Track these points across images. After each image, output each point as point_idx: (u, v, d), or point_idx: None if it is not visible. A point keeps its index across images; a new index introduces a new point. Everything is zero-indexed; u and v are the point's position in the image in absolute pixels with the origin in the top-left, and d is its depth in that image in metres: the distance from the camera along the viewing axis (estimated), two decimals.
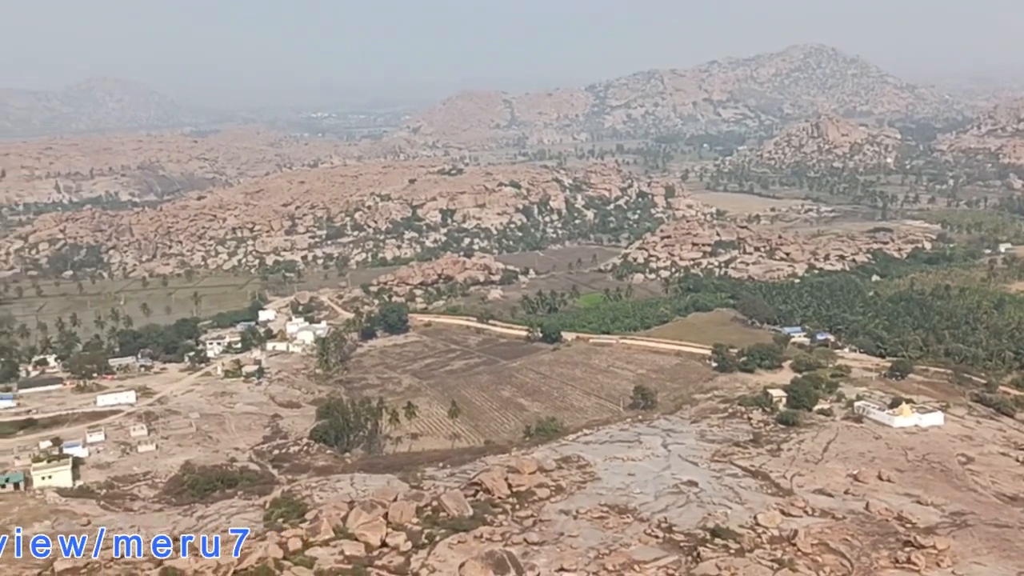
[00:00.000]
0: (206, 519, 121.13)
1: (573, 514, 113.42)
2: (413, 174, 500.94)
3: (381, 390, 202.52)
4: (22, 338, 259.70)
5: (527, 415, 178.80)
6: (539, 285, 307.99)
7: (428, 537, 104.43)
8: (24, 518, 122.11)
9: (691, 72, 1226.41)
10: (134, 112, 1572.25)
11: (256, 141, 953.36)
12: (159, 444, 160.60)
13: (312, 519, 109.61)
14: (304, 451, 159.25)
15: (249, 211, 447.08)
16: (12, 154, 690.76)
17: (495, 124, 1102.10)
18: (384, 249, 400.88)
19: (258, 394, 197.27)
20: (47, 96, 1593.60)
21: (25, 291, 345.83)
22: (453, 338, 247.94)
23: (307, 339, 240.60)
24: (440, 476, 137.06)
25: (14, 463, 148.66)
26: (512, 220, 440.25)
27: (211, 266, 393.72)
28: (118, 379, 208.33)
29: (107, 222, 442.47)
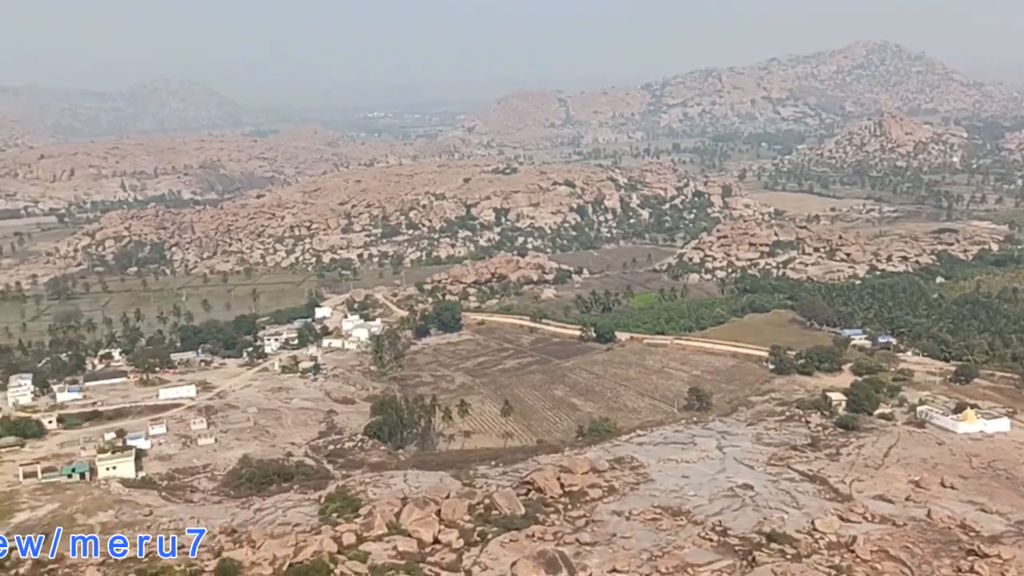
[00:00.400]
0: (263, 512, 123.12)
1: (626, 515, 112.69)
2: (467, 173, 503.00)
3: (434, 388, 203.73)
4: (88, 332, 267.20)
5: (580, 415, 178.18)
6: (593, 285, 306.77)
7: (480, 535, 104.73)
8: (89, 507, 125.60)
9: (750, 70, 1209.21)
10: (196, 112, 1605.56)
11: (314, 141, 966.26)
12: (218, 438, 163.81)
13: (366, 514, 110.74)
14: (358, 447, 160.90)
15: (307, 210, 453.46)
16: (80, 153, 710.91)
17: (550, 123, 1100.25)
18: (438, 248, 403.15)
19: (314, 390, 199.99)
20: (113, 97, 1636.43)
21: (92, 287, 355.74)
22: (506, 337, 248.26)
23: (362, 336, 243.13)
24: (492, 474, 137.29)
25: (80, 453, 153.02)
26: (566, 219, 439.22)
27: (269, 263, 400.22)
28: (179, 373, 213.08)
29: (170, 220, 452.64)
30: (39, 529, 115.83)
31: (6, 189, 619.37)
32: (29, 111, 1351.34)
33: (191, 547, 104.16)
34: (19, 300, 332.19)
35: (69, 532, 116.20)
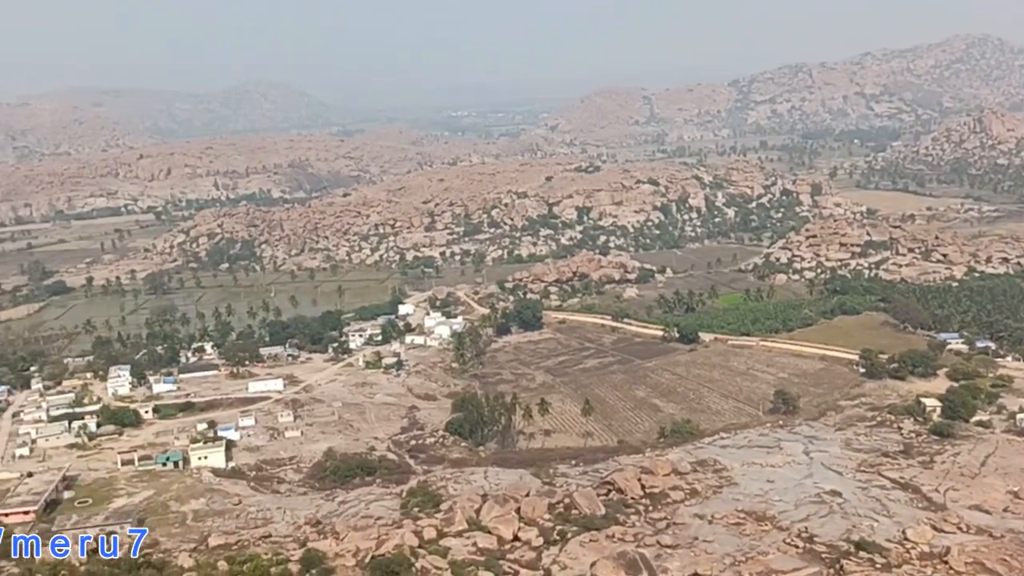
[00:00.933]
0: (346, 504, 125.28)
1: (708, 518, 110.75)
2: (550, 172, 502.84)
3: (515, 386, 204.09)
4: (183, 326, 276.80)
5: (662, 416, 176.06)
6: (676, 284, 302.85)
7: (560, 534, 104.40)
8: (182, 495, 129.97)
9: (842, 65, 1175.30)
10: (286, 113, 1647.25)
11: (398, 140, 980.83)
12: (304, 430, 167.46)
13: (446, 510, 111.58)
14: (440, 443, 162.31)
15: (391, 208, 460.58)
16: (177, 153, 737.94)
17: (634, 121, 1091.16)
18: (520, 246, 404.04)
19: (396, 386, 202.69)
20: (207, 99, 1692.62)
21: (186, 282, 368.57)
22: (587, 336, 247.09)
23: (444, 333, 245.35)
24: (572, 474, 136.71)
25: (174, 443, 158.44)
26: (649, 218, 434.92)
27: (355, 261, 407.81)
28: (268, 367, 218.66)
29: (260, 218, 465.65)
30: (135, 514, 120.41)
31: (108, 188, 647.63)
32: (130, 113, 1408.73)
33: (132, 547, 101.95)
34: (119, 294, 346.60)
35: (163, 518, 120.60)
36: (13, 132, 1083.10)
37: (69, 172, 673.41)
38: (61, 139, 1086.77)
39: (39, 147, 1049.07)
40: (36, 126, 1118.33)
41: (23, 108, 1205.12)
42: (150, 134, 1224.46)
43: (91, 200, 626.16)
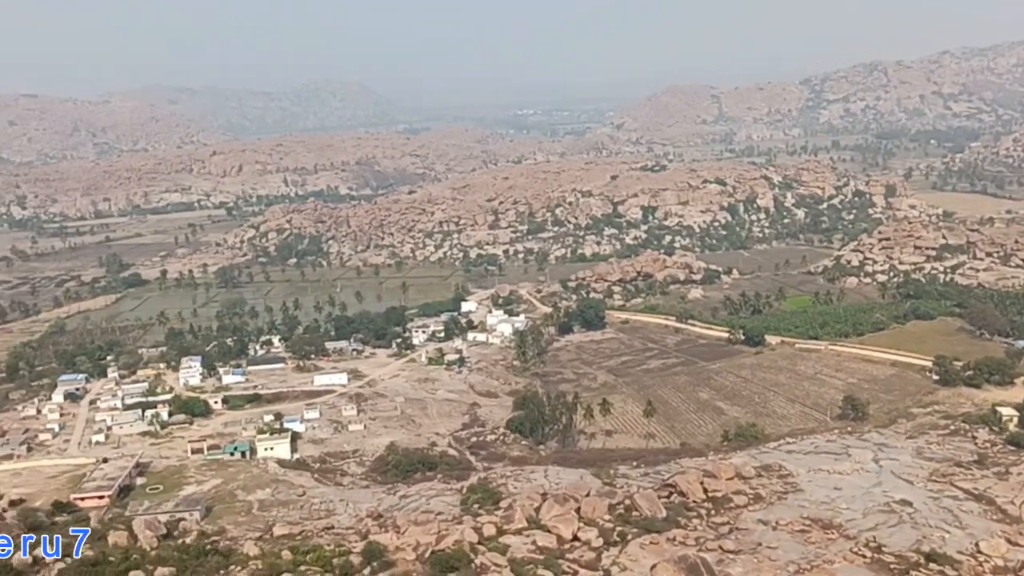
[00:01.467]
0: (407, 498, 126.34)
1: (772, 525, 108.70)
2: (615, 170, 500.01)
3: (576, 385, 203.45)
4: (252, 319, 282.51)
5: (725, 419, 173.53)
6: (742, 286, 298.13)
7: (620, 535, 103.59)
8: (248, 484, 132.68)
9: (919, 63, 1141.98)
10: (354, 111, 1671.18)
11: (464, 138, 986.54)
12: (367, 424, 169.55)
13: (506, 507, 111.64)
14: (500, 440, 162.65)
15: (455, 206, 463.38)
16: (248, 150, 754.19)
17: (701, 120, 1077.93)
18: (583, 245, 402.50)
19: (458, 382, 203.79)
20: (279, 97, 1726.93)
21: (255, 276, 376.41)
22: (651, 337, 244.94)
23: (506, 331, 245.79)
24: (633, 475, 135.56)
25: (242, 433, 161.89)
26: (716, 218, 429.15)
27: (419, 257, 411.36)
28: (333, 361, 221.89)
29: (327, 214, 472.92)
30: (204, 502, 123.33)
31: (182, 183, 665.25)
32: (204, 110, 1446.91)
33: (75, 546, 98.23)
34: (191, 287, 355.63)
35: (230, 507, 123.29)
36: (94, 129, 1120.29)
37: (146, 168, 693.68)
38: (139, 136, 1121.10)
39: (118, 143, 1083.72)
40: (116, 123, 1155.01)
41: (104, 106, 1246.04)
42: (223, 131, 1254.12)
43: (166, 195, 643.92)
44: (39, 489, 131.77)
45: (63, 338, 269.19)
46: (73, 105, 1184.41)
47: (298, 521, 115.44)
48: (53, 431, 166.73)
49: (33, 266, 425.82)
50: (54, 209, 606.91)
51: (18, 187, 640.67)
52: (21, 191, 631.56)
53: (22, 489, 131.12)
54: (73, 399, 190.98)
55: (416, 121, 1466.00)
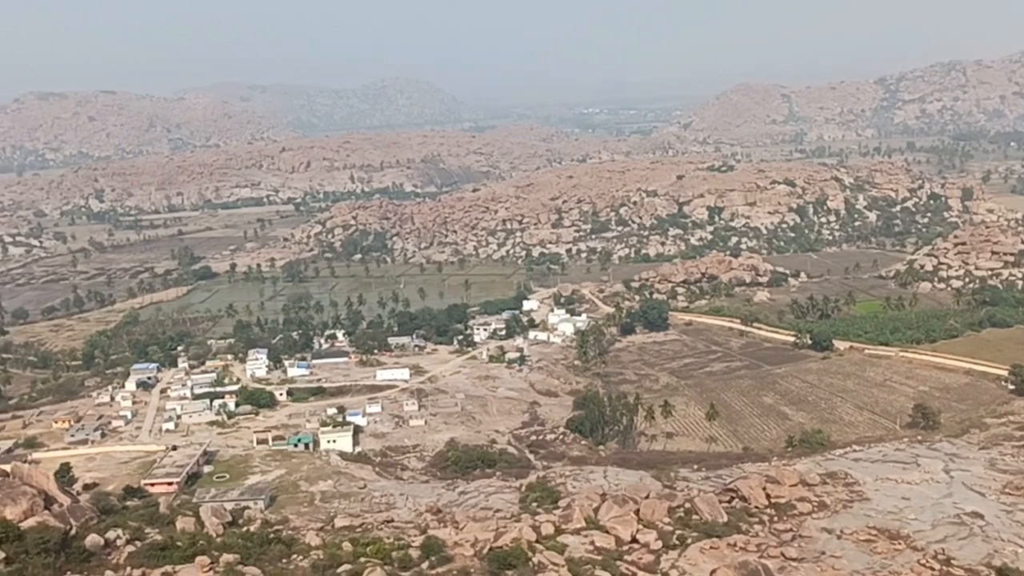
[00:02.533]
0: (466, 495, 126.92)
1: (837, 533, 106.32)
2: (681, 170, 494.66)
3: (638, 386, 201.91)
4: (317, 313, 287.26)
5: (790, 424, 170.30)
6: (810, 289, 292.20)
7: (679, 538, 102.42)
8: (311, 476, 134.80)
9: (999, 63, 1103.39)
10: (420, 109, 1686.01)
11: (529, 136, 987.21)
12: (428, 420, 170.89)
13: (565, 507, 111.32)
14: (560, 439, 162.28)
15: (519, 204, 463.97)
16: (316, 147, 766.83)
17: (771, 119, 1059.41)
18: (647, 245, 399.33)
19: (519, 380, 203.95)
20: (347, 94, 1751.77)
21: (321, 271, 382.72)
22: (714, 339, 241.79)
23: (567, 330, 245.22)
24: (694, 478, 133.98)
25: (305, 426, 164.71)
26: (784, 220, 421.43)
27: (481, 255, 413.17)
28: (395, 356, 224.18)
29: (392, 211, 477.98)
30: (268, 492, 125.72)
31: (252, 179, 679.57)
32: (275, 107, 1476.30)
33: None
34: (259, 281, 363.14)
35: (293, 497, 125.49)
36: (169, 125, 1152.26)
37: (217, 163, 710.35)
38: (211, 132, 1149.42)
39: (191, 139, 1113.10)
40: (190, 119, 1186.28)
41: (179, 103, 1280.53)
42: (292, 128, 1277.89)
43: (236, 190, 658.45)
44: (111, 474, 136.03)
45: (136, 328, 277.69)
46: (150, 101, 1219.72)
47: (359, 513, 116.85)
48: (126, 418, 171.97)
49: (109, 257, 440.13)
50: (130, 203, 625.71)
51: (96, 181, 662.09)
52: (99, 185, 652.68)
53: (95, 473, 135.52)
54: (145, 388, 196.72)
55: (482, 119, 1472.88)
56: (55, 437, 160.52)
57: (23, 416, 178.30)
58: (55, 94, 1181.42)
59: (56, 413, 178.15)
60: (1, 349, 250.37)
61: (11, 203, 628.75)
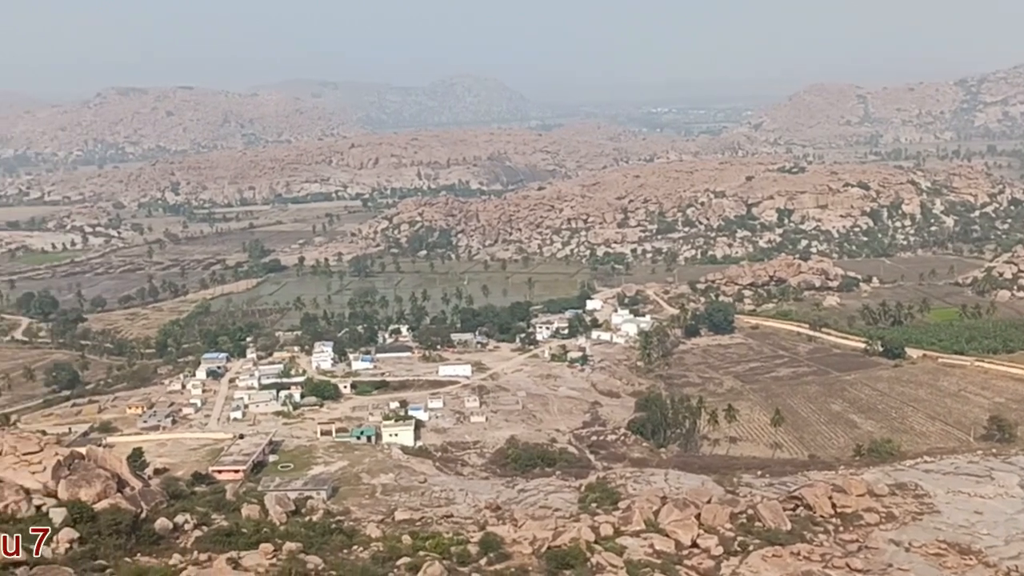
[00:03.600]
0: (526, 493, 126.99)
1: (905, 546, 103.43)
2: (751, 171, 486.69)
3: (701, 389, 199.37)
4: (382, 308, 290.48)
5: (858, 433, 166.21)
6: (883, 295, 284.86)
7: (741, 545, 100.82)
8: (373, 468, 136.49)
9: None
10: (488, 106, 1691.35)
11: (596, 135, 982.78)
12: (488, 417, 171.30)
13: (624, 508, 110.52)
14: (621, 441, 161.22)
15: (584, 203, 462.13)
16: (384, 143, 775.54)
17: (845, 120, 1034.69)
18: (714, 247, 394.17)
19: (580, 380, 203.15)
20: (416, 92, 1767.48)
21: (387, 266, 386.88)
22: (781, 343, 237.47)
23: (631, 331, 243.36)
24: (757, 484, 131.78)
25: (368, 419, 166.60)
26: (857, 223, 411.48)
27: (545, 254, 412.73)
28: (457, 353, 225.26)
29: (458, 208, 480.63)
30: (331, 483, 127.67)
31: (321, 174, 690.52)
32: (345, 104, 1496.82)
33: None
34: (326, 275, 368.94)
35: (354, 489, 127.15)
36: (243, 120, 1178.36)
37: (288, 159, 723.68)
38: (283, 127, 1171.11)
39: (264, 135, 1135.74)
40: (262, 115, 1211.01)
41: (252, 98, 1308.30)
42: (362, 124, 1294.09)
43: (306, 185, 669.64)
44: (181, 460, 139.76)
45: (208, 318, 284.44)
46: (225, 97, 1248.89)
47: (419, 507, 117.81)
48: (195, 406, 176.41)
49: (183, 249, 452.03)
50: (204, 196, 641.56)
51: (173, 174, 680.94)
52: (175, 178, 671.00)
53: (166, 459, 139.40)
54: (215, 376, 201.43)
55: (548, 117, 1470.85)
56: (128, 422, 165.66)
57: (99, 401, 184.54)
58: (135, 89, 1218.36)
59: (130, 399, 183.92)
60: (80, 336, 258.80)
61: (92, 194, 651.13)
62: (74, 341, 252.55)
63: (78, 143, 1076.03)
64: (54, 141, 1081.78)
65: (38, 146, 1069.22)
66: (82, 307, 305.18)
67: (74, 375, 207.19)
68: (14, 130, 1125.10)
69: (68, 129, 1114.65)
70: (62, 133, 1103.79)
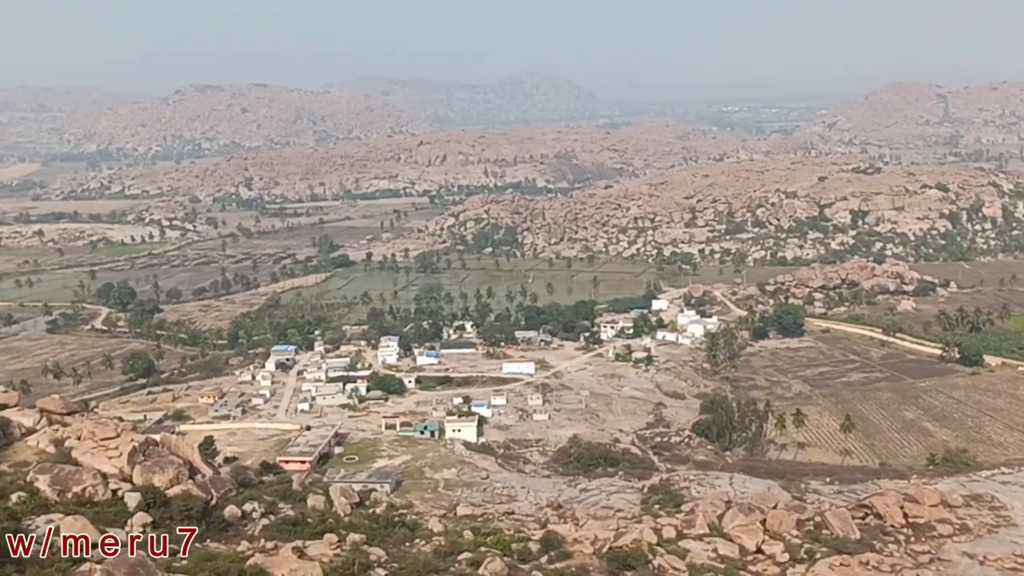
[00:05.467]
0: (588, 492, 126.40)
1: (979, 559, 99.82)
2: (824, 171, 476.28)
3: (769, 393, 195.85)
4: (447, 304, 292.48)
5: (932, 442, 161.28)
6: (960, 300, 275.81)
7: (807, 552, 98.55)
8: (436, 463, 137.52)
9: None
10: (556, 104, 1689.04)
11: (664, 134, 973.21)
12: (551, 415, 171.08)
13: (688, 511, 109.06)
14: (685, 443, 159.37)
15: (652, 202, 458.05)
16: (453, 141, 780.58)
17: (923, 120, 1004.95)
18: (784, 248, 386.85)
19: (645, 380, 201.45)
20: (484, 90, 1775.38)
21: (452, 263, 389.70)
22: (852, 348, 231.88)
23: (697, 332, 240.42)
24: (825, 491, 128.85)
25: (432, 414, 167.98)
26: (934, 226, 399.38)
27: (611, 253, 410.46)
28: (521, 350, 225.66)
29: (524, 206, 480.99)
30: (394, 476, 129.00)
31: (390, 171, 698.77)
32: (413, 101, 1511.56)
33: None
34: (393, 270, 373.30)
35: (417, 483, 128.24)
36: (314, 117, 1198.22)
37: (358, 155, 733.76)
38: (353, 124, 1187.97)
39: (334, 131, 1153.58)
40: (334, 112, 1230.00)
41: (324, 96, 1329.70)
42: (430, 122, 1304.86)
43: (375, 182, 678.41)
44: (250, 449, 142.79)
45: (278, 311, 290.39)
46: (297, 94, 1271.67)
47: (480, 503, 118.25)
48: (264, 397, 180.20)
49: (255, 243, 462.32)
50: (276, 191, 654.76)
51: (246, 170, 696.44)
52: (249, 174, 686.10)
53: (235, 448, 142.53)
54: (283, 368, 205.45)
55: (617, 116, 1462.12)
56: (200, 411, 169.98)
57: (173, 390, 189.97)
58: (212, 86, 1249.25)
59: (202, 388, 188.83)
60: (156, 326, 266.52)
61: (169, 189, 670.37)
62: (150, 331, 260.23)
63: (157, 139, 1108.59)
64: (135, 137, 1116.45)
65: (119, 142, 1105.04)
66: (158, 298, 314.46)
67: (150, 364, 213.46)
68: (97, 126, 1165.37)
69: (148, 125, 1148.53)
70: (142, 129, 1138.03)
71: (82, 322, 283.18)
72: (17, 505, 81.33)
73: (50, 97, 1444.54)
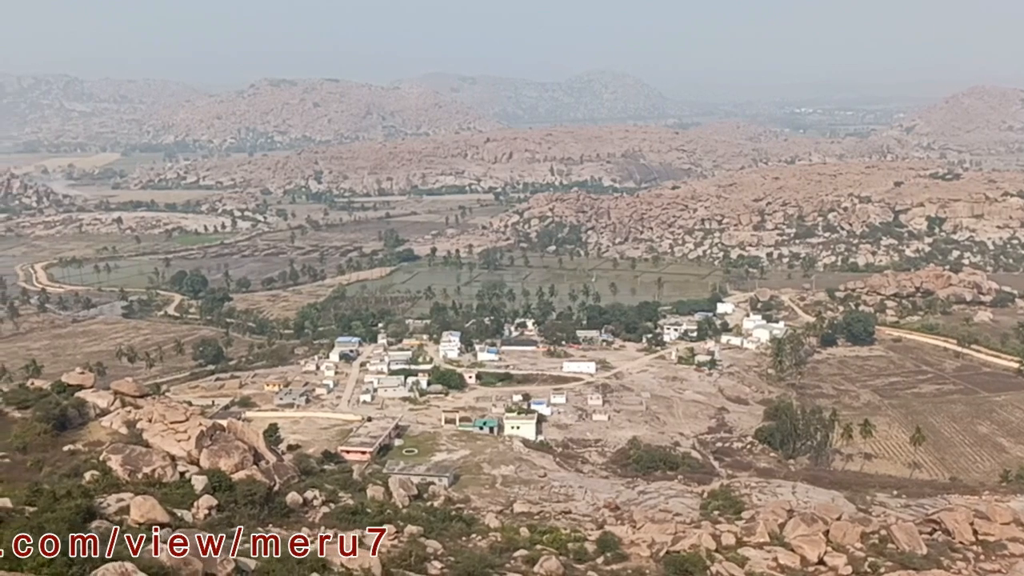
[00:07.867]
0: (646, 495, 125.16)
1: None
2: (900, 176, 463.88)
3: (835, 402, 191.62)
4: (509, 301, 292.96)
5: (1007, 458, 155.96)
6: None
7: (871, 566, 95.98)
8: (494, 459, 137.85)
9: None
10: (624, 103, 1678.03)
11: (734, 135, 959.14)
12: (611, 416, 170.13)
13: (748, 519, 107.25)
14: (747, 449, 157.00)
15: (719, 204, 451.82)
16: (519, 139, 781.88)
17: (1007, 126, 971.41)
18: (856, 254, 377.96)
19: (707, 384, 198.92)
20: (552, 87, 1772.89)
21: (516, 260, 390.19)
22: (925, 359, 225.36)
23: (762, 337, 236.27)
24: (892, 504, 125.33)
25: (491, 410, 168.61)
26: (1015, 235, 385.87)
27: (677, 254, 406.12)
28: (582, 349, 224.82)
29: (589, 205, 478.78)
30: (453, 470, 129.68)
31: (456, 167, 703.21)
32: (482, 98, 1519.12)
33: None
34: (456, 266, 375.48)
35: (475, 478, 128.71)
36: (384, 113, 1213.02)
37: (425, 151, 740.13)
38: (422, 120, 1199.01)
39: (403, 127, 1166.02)
40: (403, 108, 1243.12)
41: (394, 92, 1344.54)
42: (497, 119, 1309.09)
43: (441, 178, 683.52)
44: (312, 438, 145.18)
45: (343, 303, 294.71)
46: (368, 90, 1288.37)
47: (537, 501, 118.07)
48: (328, 387, 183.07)
49: (323, 235, 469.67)
50: (344, 185, 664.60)
51: (316, 164, 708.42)
52: (319, 167, 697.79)
53: (299, 436, 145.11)
54: (347, 360, 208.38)
55: (686, 116, 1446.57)
56: (266, 399, 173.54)
57: (240, 377, 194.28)
58: (286, 81, 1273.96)
59: (268, 377, 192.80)
60: (226, 314, 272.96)
61: (242, 180, 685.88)
62: (220, 319, 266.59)
63: (231, 131, 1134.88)
64: (210, 129, 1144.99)
65: (195, 133, 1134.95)
66: (228, 287, 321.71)
67: (219, 351, 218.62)
68: (175, 118, 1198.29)
69: (223, 118, 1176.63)
70: (217, 121, 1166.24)
71: (156, 308, 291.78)
72: (90, 483, 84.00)
73: (132, 89, 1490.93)
